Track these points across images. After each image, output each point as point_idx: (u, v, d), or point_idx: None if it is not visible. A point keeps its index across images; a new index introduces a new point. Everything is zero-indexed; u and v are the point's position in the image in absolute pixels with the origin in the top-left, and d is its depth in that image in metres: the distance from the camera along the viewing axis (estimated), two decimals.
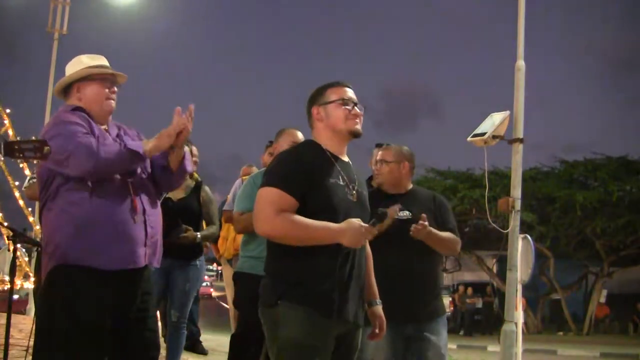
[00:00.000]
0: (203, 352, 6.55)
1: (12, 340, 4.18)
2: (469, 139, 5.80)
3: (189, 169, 2.91)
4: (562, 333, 19.61)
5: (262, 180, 2.47)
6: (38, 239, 4.35)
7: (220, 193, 6.08)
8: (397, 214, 3.14)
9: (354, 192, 2.49)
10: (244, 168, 5.69)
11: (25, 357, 4.16)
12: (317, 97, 2.57)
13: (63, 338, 2.52)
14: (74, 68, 2.84)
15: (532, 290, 18.45)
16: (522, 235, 5.85)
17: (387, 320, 2.66)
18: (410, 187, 3.60)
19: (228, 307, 5.91)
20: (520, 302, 5.82)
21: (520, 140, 5.96)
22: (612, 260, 19.49)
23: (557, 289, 20.11)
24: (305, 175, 2.39)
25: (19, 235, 3.94)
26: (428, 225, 3.22)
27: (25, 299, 13.59)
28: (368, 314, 2.61)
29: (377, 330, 2.61)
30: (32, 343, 2.87)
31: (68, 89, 2.85)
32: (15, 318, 6.51)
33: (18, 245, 3.94)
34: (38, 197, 2.77)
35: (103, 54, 2.94)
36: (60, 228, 2.59)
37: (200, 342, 6.66)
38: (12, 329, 3.81)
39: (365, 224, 2.35)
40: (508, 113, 5.81)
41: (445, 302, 3.68)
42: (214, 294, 34.39)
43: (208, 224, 4.63)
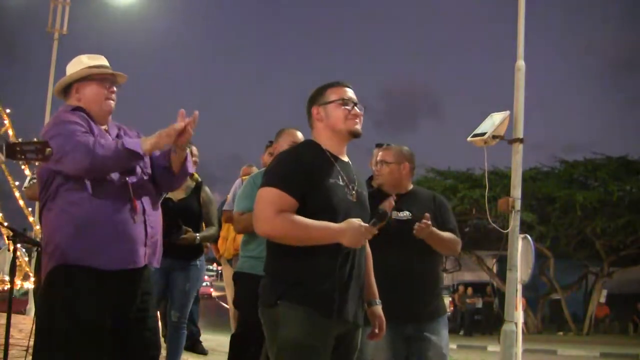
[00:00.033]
0: (203, 352, 6.55)
1: (12, 340, 4.18)
2: (469, 139, 5.80)
3: (191, 170, 2.92)
4: (562, 333, 19.62)
5: (262, 181, 2.47)
6: (38, 239, 4.36)
7: (220, 193, 6.09)
8: (393, 205, 3.14)
9: (354, 192, 2.49)
10: (244, 168, 5.69)
11: (25, 357, 4.16)
12: (317, 97, 2.56)
13: (63, 338, 2.52)
14: (74, 68, 2.84)
15: (532, 290, 18.46)
16: (522, 235, 5.85)
17: (387, 320, 2.66)
18: (411, 187, 3.60)
19: (228, 307, 5.91)
20: (520, 302, 5.82)
21: (520, 140, 5.96)
22: (612, 260, 19.50)
23: (557, 289, 20.12)
24: (305, 176, 2.38)
25: (19, 235, 3.95)
26: (431, 225, 3.23)
27: (22, 299, 13.58)
28: (368, 314, 2.61)
29: (376, 330, 2.61)
30: (32, 343, 2.87)
31: (68, 89, 2.85)
32: (15, 318, 6.51)
33: (18, 245, 3.94)
34: (38, 197, 2.77)
35: (103, 54, 2.94)
36: (60, 228, 2.59)
37: (200, 342, 6.67)
38: (12, 329, 3.81)
39: (365, 224, 2.35)
40: (508, 113, 5.82)
41: (445, 302, 3.67)
42: (214, 294, 34.41)
43: (207, 225, 4.63)
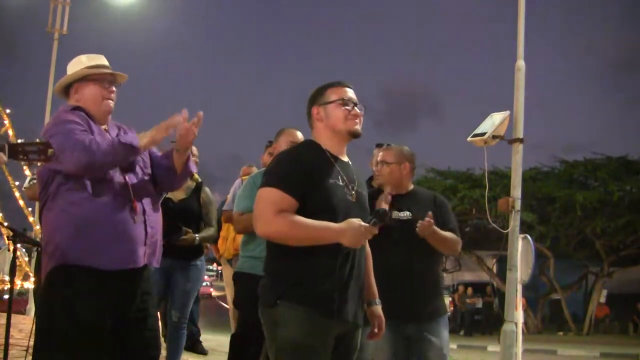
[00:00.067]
0: (203, 352, 6.55)
1: (12, 340, 4.18)
2: (469, 139, 5.80)
3: (193, 170, 2.92)
4: (562, 333, 19.62)
5: (261, 181, 2.47)
6: (38, 239, 4.36)
7: (220, 193, 6.08)
8: (389, 199, 3.15)
9: (354, 192, 2.48)
10: (244, 168, 5.69)
11: (25, 357, 4.16)
12: (317, 97, 2.56)
13: (63, 338, 2.52)
14: (74, 68, 2.85)
15: (532, 290, 18.46)
16: (522, 235, 5.85)
17: (387, 320, 2.66)
18: (411, 187, 3.61)
19: (228, 307, 5.91)
20: (520, 302, 5.82)
21: (520, 140, 5.96)
22: (612, 260, 19.50)
23: (557, 289, 20.13)
24: (305, 176, 2.38)
25: (19, 235, 3.95)
26: (433, 223, 3.23)
27: (17, 299, 13.57)
28: (367, 314, 2.61)
29: (376, 330, 2.61)
30: (32, 343, 2.87)
31: (68, 89, 2.86)
32: (15, 318, 6.51)
33: (18, 245, 3.94)
34: (38, 197, 2.77)
35: (103, 54, 2.94)
36: (60, 228, 2.59)
37: (200, 342, 6.67)
38: (12, 329, 3.81)
39: (365, 224, 2.35)
40: (508, 113, 5.81)
41: (445, 302, 3.67)
42: (214, 294, 34.42)
43: (206, 226, 4.63)
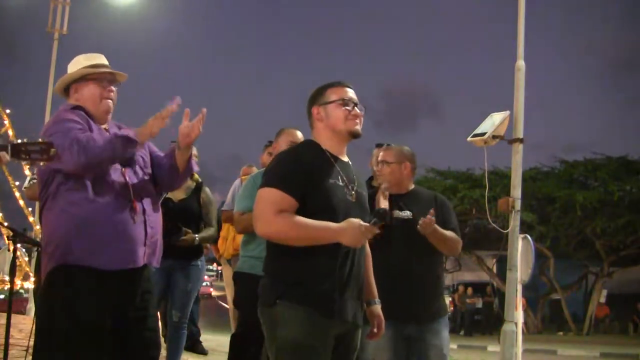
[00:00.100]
0: (203, 352, 6.55)
1: (12, 340, 4.18)
2: (469, 139, 5.80)
3: (195, 168, 2.92)
4: (562, 333, 19.62)
5: (261, 181, 2.47)
6: (38, 239, 4.35)
7: (220, 193, 6.08)
8: (387, 195, 3.16)
9: (353, 192, 2.48)
10: (244, 168, 5.70)
11: (25, 357, 4.16)
12: (317, 96, 2.56)
13: (63, 338, 2.52)
14: (73, 68, 2.86)
15: (532, 290, 18.46)
16: (522, 235, 5.85)
17: (388, 320, 2.66)
18: (412, 187, 3.61)
19: (228, 307, 5.91)
20: (520, 302, 5.82)
21: (520, 140, 5.96)
22: (612, 260, 19.50)
23: (557, 289, 20.13)
24: (305, 176, 2.38)
25: (19, 235, 3.95)
26: (435, 221, 3.23)
27: (18, 299, 13.56)
28: (367, 314, 2.60)
29: (375, 330, 2.61)
30: (32, 343, 2.87)
31: (68, 89, 2.86)
32: (15, 318, 6.51)
33: (18, 245, 3.94)
34: (38, 197, 2.77)
35: (103, 54, 2.94)
36: (60, 228, 2.59)
37: (200, 342, 6.67)
38: (12, 329, 3.81)
39: (365, 223, 2.35)
40: (508, 113, 5.82)
41: (446, 302, 3.67)
42: (214, 294, 34.43)
43: (206, 226, 4.63)
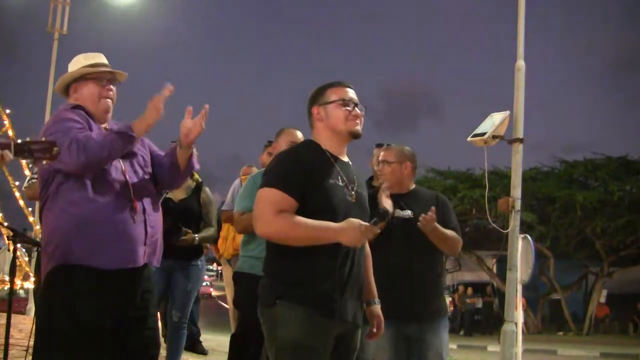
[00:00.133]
0: (203, 352, 6.55)
1: (12, 340, 4.18)
2: (469, 139, 5.80)
3: (197, 166, 2.91)
4: (562, 333, 19.63)
5: (261, 181, 2.47)
6: (38, 239, 4.35)
7: (220, 193, 6.08)
8: (388, 194, 3.16)
9: (353, 192, 2.48)
10: (244, 168, 5.70)
11: (25, 357, 4.16)
12: (317, 96, 2.55)
13: (63, 338, 2.51)
14: (73, 67, 2.86)
15: (532, 290, 18.46)
16: (522, 235, 5.85)
17: (388, 320, 2.66)
18: (413, 187, 3.62)
19: (228, 307, 5.91)
20: (520, 302, 5.82)
21: (520, 140, 5.96)
22: (612, 260, 19.51)
23: (557, 289, 20.14)
24: (305, 176, 2.38)
25: (19, 235, 3.94)
26: (435, 218, 3.23)
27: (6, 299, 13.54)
28: (366, 313, 2.60)
29: (375, 330, 2.61)
30: (32, 343, 2.87)
31: (68, 89, 2.86)
32: (15, 318, 6.51)
33: (18, 245, 3.94)
34: (38, 197, 2.76)
35: (103, 54, 2.94)
36: (60, 228, 2.59)
37: (200, 342, 6.67)
38: (12, 329, 3.81)
39: (366, 223, 2.34)
40: (508, 113, 5.82)
41: (446, 302, 3.68)
42: (214, 294, 34.45)
43: (206, 225, 4.63)
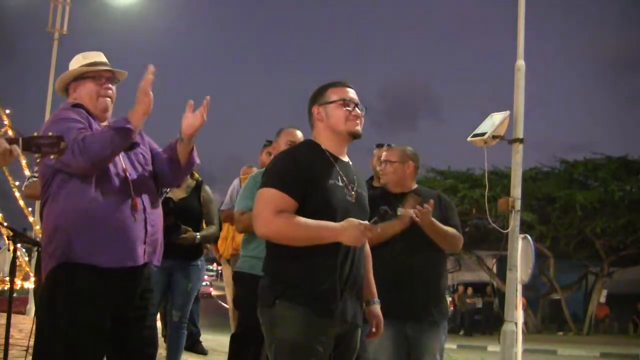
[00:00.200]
0: (203, 352, 6.54)
1: (12, 340, 4.18)
2: (469, 139, 5.80)
3: (197, 161, 2.89)
4: (562, 333, 19.63)
5: (261, 181, 2.46)
6: (38, 239, 4.35)
7: (220, 193, 6.08)
8: (418, 201, 3.19)
9: (353, 192, 2.47)
10: (244, 168, 5.70)
11: (25, 357, 4.16)
12: (318, 96, 2.55)
13: (63, 337, 2.51)
14: (72, 66, 2.87)
15: (532, 290, 18.47)
16: (522, 235, 5.85)
17: (389, 319, 2.66)
18: (415, 186, 3.64)
19: (228, 307, 5.91)
20: (520, 302, 5.82)
21: (520, 140, 5.96)
22: (612, 260, 19.52)
23: (557, 289, 20.15)
24: (305, 176, 2.38)
25: (19, 235, 3.94)
26: (431, 211, 3.23)
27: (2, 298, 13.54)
28: (366, 313, 2.60)
29: (374, 330, 2.60)
30: (32, 343, 2.86)
31: (68, 88, 2.86)
32: (15, 318, 6.51)
33: (18, 245, 3.93)
34: (38, 196, 2.76)
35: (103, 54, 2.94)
36: (61, 227, 2.58)
37: (200, 342, 6.66)
38: (12, 329, 3.81)
39: (366, 222, 2.33)
40: (508, 113, 5.82)
41: (447, 304, 3.68)
42: (214, 293, 34.47)
43: (208, 224, 4.62)
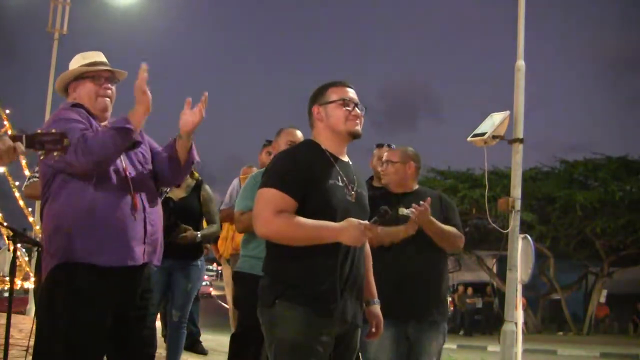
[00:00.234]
0: (203, 352, 6.55)
1: (12, 340, 4.18)
2: (469, 139, 5.81)
3: (197, 158, 2.88)
4: (562, 333, 19.63)
5: (261, 181, 2.46)
6: (38, 239, 4.35)
7: (220, 193, 6.08)
8: (428, 208, 3.20)
9: (353, 192, 2.47)
10: (244, 169, 5.70)
11: (25, 357, 4.16)
12: (318, 96, 2.55)
13: (63, 337, 2.51)
14: (72, 66, 2.87)
15: (532, 290, 18.47)
16: (522, 235, 5.85)
17: (390, 319, 2.65)
18: (416, 187, 3.65)
19: (228, 307, 5.91)
20: (520, 302, 5.82)
21: (520, 140, 5.97)
22: (612, 260, 19.52)
23: (557, 289, 20.15)
24: (304, 176, 2.37)
25: (19, 235, 3.94)
26: (429, 209, 3.24)
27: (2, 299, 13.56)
28: (366, 313, 2.60)
29: (373, 330, 2.60)
30: (32, 343, 2.86)
31: (67, 88, 2.86)
32: (15, 318, 6.51)
33: (18, 245, 3.93)
34: (38, 195, 2.76)
35: (103, 54, 2.94)
36: (62, 226, 2.58)
37: (200, 342, 6.66)
38: (12, 329, 3.81)
39: (366, 222, 2.33)
40: (508, 113, 5.82)
41: (447, 304, 3.67)
42: (214, 293, 34.49)
43: (209, 223, 4.62)
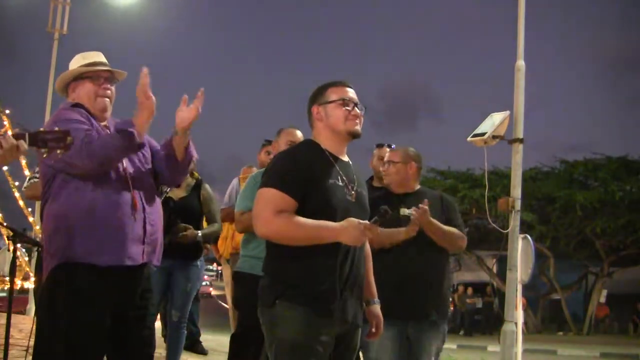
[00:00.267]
0: (203, 352, 6.55)
1: (12, 340, 4.18)
2: (469, 139, 5.81)
3: (195, 155, 2.87)
4: (562, 333, 19.64)
5: (261, 181, 2.46)
6: (38, 239, 4.35)
7: (220, 193, 6.08)
8: (427, 209, 3.21)
9: (353, 192, 2.47)
10: (244, 169, 5.70)
11: (25, 357, 4.16)
12: (317, 96, 2.55)
13: (63, 337, 2.51)
14: (72, 67, 2.87)
15: (532, 290, 18.48)
16: (522, 235, 5.85)
17: (391, 319, 2.65)
18: (418, 187, 3.65)
19: (228, 307, 5.91)
20: (520, 302, 5.82)
21: (520, 140, 5.97)
22: (612, 260, 19.53)
23: (557, 289, 20.16)
24: (304, 176, 2.38)
25: (19, 235, 3.94)
26: (428, 209, 3.24)
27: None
28: (366, 313, 2.60)
29: (374, 330, 2.60)
30: (32, 343, 2.86)
31: (68, 88, 2.86)
32: (15, 318, 6.51)
33: (18, 245, 3.93)
34: (38, 196, 2.76)
35: (102, 53, 2.94)
36: (62, 226, 2.59)
37: (200, 342, 6.66)
38: (12, 329, 3.81)
39: (366, 221, 2.33)
40: (508, 113, 5.83)
41: (448, 305, 3.66)
42: (214, 293, 34.51)
43: (209, 222, 4.62)
